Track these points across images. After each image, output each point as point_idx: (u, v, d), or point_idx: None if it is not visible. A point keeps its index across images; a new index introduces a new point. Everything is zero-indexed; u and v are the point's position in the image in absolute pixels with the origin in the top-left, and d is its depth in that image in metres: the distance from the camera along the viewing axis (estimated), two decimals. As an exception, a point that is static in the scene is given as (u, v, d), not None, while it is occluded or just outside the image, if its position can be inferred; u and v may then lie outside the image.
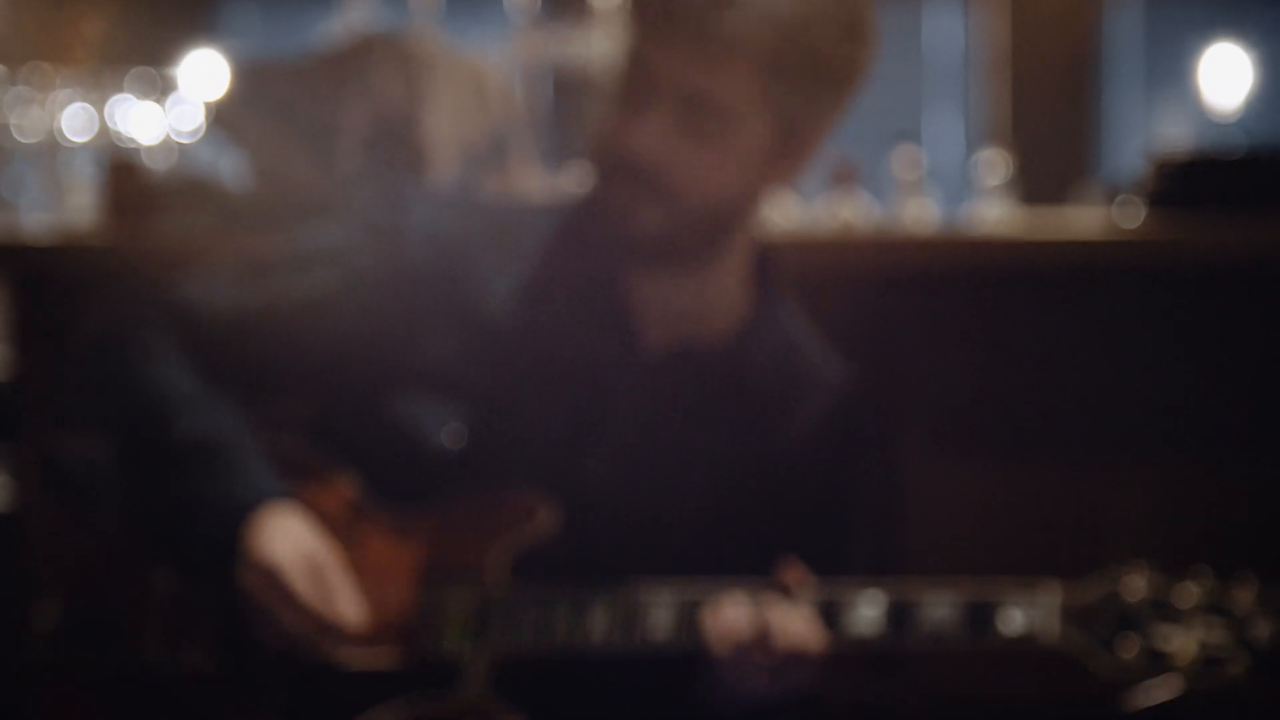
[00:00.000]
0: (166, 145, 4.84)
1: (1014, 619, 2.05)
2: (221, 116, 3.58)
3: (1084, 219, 3.90)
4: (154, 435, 2.23)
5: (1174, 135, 9.08)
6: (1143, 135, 9.06)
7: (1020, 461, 3.60)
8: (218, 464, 2.20)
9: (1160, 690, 2.00)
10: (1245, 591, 2.01)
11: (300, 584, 2.15)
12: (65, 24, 8.25)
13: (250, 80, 3.52)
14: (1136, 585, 2.03)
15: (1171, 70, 9.11)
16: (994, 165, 4.54)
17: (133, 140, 4.90)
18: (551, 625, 2.16)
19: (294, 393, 2.35)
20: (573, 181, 3.49)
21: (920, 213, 4.41)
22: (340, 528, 2.23)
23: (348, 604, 2.17)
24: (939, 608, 2.08)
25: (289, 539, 2.17)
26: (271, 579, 2.15)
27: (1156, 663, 2.00)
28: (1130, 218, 3.78)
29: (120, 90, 4.95)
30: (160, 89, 4.99)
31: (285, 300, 2.27)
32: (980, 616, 2.07)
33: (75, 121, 4.88)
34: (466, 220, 2.29)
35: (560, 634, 2.16)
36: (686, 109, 2.10)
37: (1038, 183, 7.40)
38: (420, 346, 2.25)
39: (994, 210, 4.38)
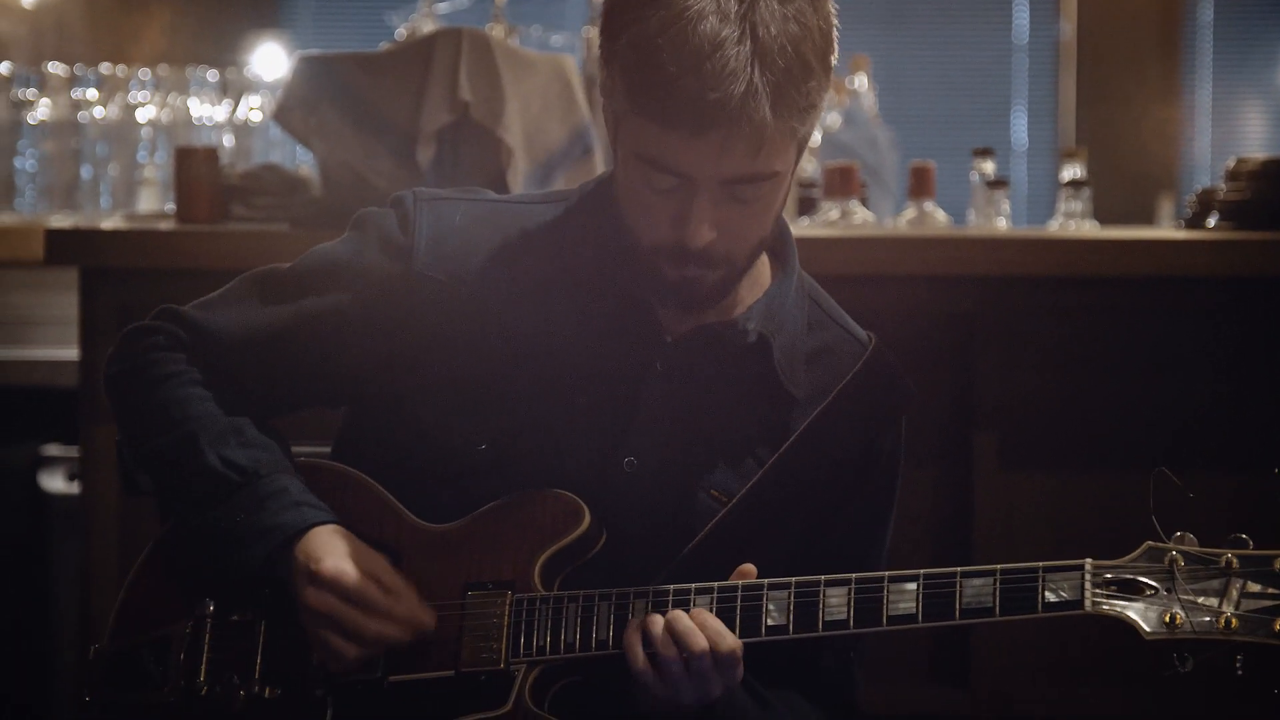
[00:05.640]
0: (239, 137, 4.85)
1: (1050, 590, 2.03)
2: (284, 112, 3.56)
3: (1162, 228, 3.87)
4: (187, 466, 2.22)
5: (1252, 132, 9.01)
6: (1220, 132, 8.98)
7: (1093, 470, 3.58)
8: (254, 493, 2.20)
9: (1206, 647, 1.98)
10: None
11: (367, 583, 2.14)
12: (136, 20, 8.28)
13: (317, 75, 3.50)
14: (1174, 553, 2.02)
15: (1242, 61, 9.04)
16: (1073, 176, 4.50)
17: (205, 132, 4.91)
18: (593, 630, 2.13)
19: (323, 408, 2.35)
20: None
21: (997, 219, 4.38)
22: (380, 543, 2.21)
23: (415, 600, 2.16)
24: (975, 585, 2.06)
25: (343, 551, 2.16)
26: (338, 586, 2.14)
27: (1199, 621, 1.99)
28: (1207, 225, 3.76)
29: (192, 83, 4.97)
30: (232, 82, 5.00)
31: (304, 321, 2.26)
32: (1017, 590, 2.04)
33: (148, 115, 4.89)
34: (478, 223, 2.27)
35: (602, 639, 2.13)
36: (728, 190, 2.08)
37: (1116, 194, 7.35)
38: (442, 354, 2.22)
39: (1073, 220, 4.35)
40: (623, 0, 2.07)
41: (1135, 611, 2.01)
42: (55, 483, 4.57)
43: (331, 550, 2.16)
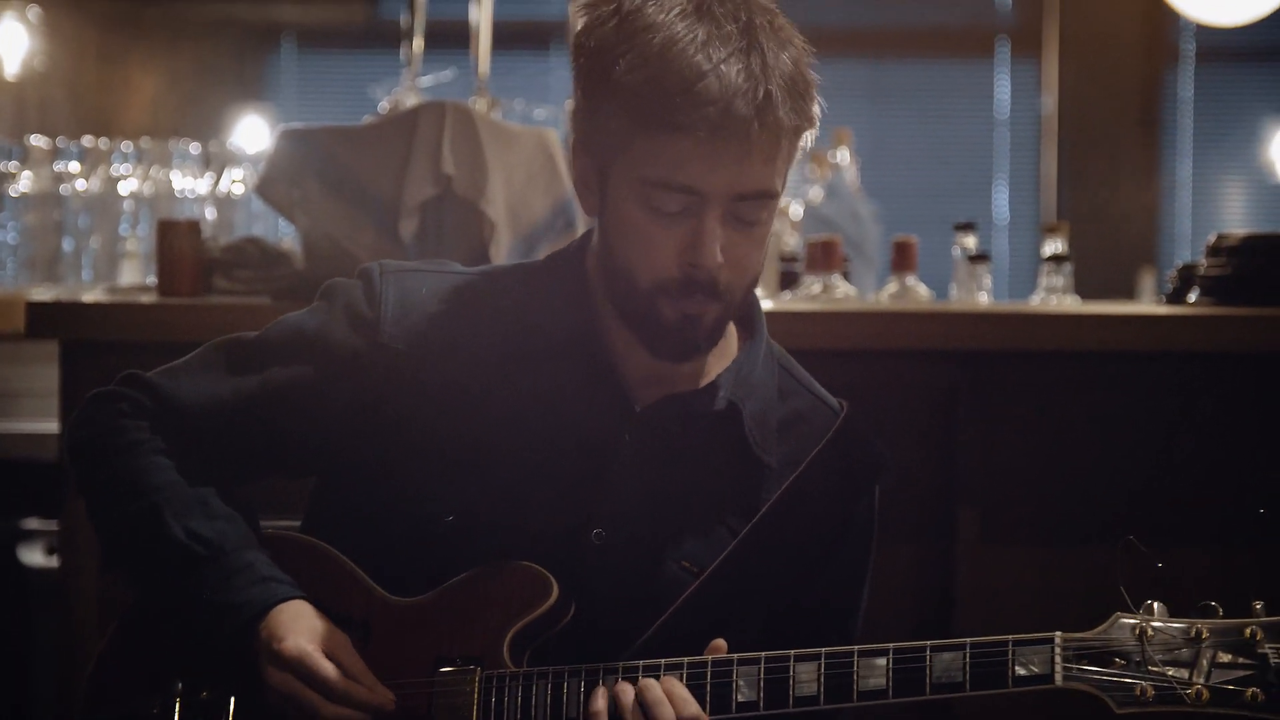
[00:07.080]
0: (222, 210, 4.85)
1: (1020, 664, 2.02)
2: (267, 185, 3.56)
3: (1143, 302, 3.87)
4: (151, 537, 2.21)
5: (1231, 207, 9.05)
6: (1200, 207, 9.02)
7: (1077, 544, 3.57)
8: (220, 569, 2.18)
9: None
10: (1255, 622, 1.99)
11: (327, 667, 2.13)
12: (119, 94, 8.30)
13: (300, 148, 3.51)
14: (1143, 624, 2.00)
15: (1222, 137, 9.08)
16: (1055, 250, 4.51)
17: (187, 204, 4.91)
18: (564, 708, 2.12)
19: (288, 478, 2.34)
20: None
21: (978, 294, 4.39)
22: (348, 617, 2.21)
23: (372, 683, 2.15)
24: (945, 659, 2.04)
25: (306, 630, 2.15)
26: (299, 668, 2.13)
27: (1170, 693, 1.97)
28: (1189, 300, 3.77)
29: (174, 156, 4.97)
30: (214, 155, 5.00)
31: (269, 392, 2.25)
32: (986, 664, 2.03)
33: (130, 187, 4.89)
34: (443, 295, 2.26)
35: (572, 716, 2.11)
36: (736, 208, 2.10)
37: (1097, 269, 7.36)
38: (407, 427, 2.22)
39: (1054, 295, 4.36)
40: (608, 39, 2.10)
41: (1106, 685, 2.00)
42: (34, 557, 4.55)
43: (294, 629, 2.15)
